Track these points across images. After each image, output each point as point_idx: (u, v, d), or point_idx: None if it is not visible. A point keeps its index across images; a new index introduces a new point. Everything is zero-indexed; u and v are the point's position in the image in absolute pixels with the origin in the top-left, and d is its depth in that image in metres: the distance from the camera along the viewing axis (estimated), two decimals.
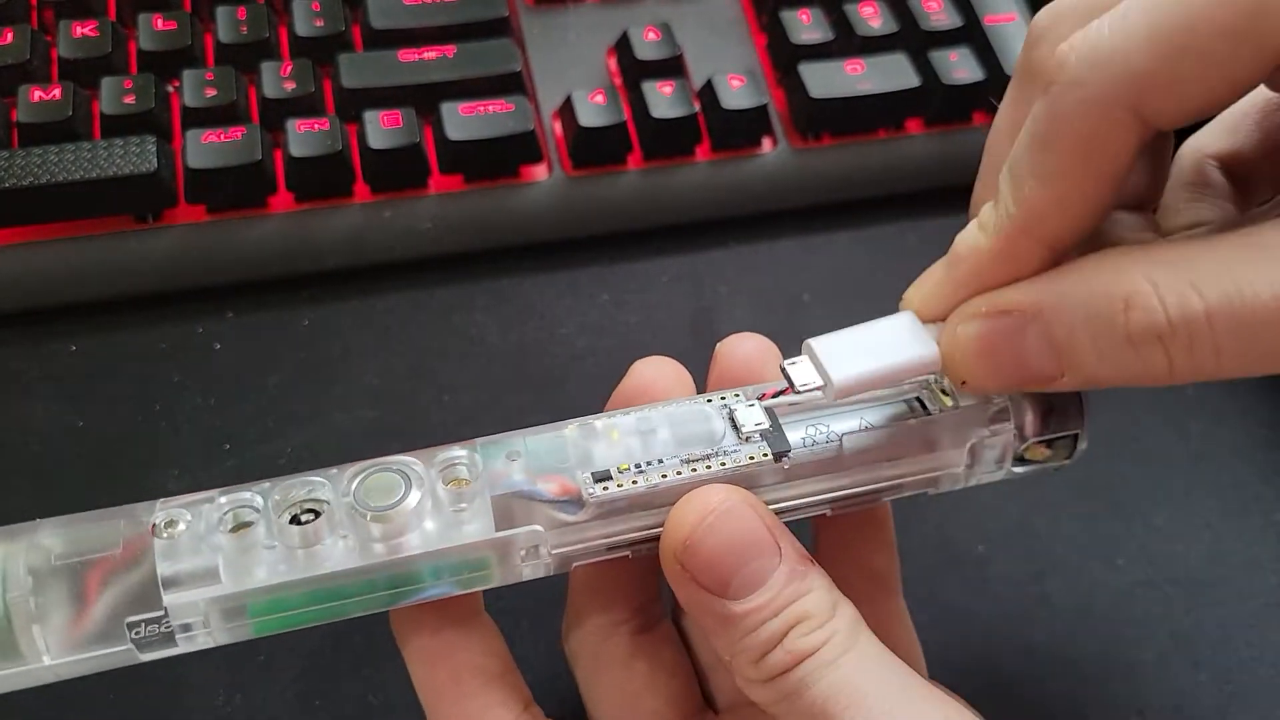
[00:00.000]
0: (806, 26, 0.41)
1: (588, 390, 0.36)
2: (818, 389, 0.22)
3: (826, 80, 0.39)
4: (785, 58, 0.41)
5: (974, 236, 0.22)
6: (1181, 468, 0.36)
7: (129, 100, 0.36)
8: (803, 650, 0.20)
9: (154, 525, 0.21)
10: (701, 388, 0.26)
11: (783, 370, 0.22)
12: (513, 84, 0.39)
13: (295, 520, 0.21)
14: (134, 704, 0.30)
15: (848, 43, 0.41)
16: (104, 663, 0.21)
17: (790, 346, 0.27)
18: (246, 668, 0.30)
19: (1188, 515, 0.35)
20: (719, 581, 0.21)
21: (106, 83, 0.36)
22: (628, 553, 0.23)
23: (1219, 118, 0.25)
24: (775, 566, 0.21)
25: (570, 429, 0.23)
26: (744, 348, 0.26)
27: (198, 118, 0.36)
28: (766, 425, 0.23)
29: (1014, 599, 0.33)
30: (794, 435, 0.23)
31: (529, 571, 0.22)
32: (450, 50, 0.39)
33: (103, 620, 0.20)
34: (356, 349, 0.36)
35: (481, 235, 0.38)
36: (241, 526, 0.21)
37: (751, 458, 0.22)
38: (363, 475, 0.21)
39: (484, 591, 0.23)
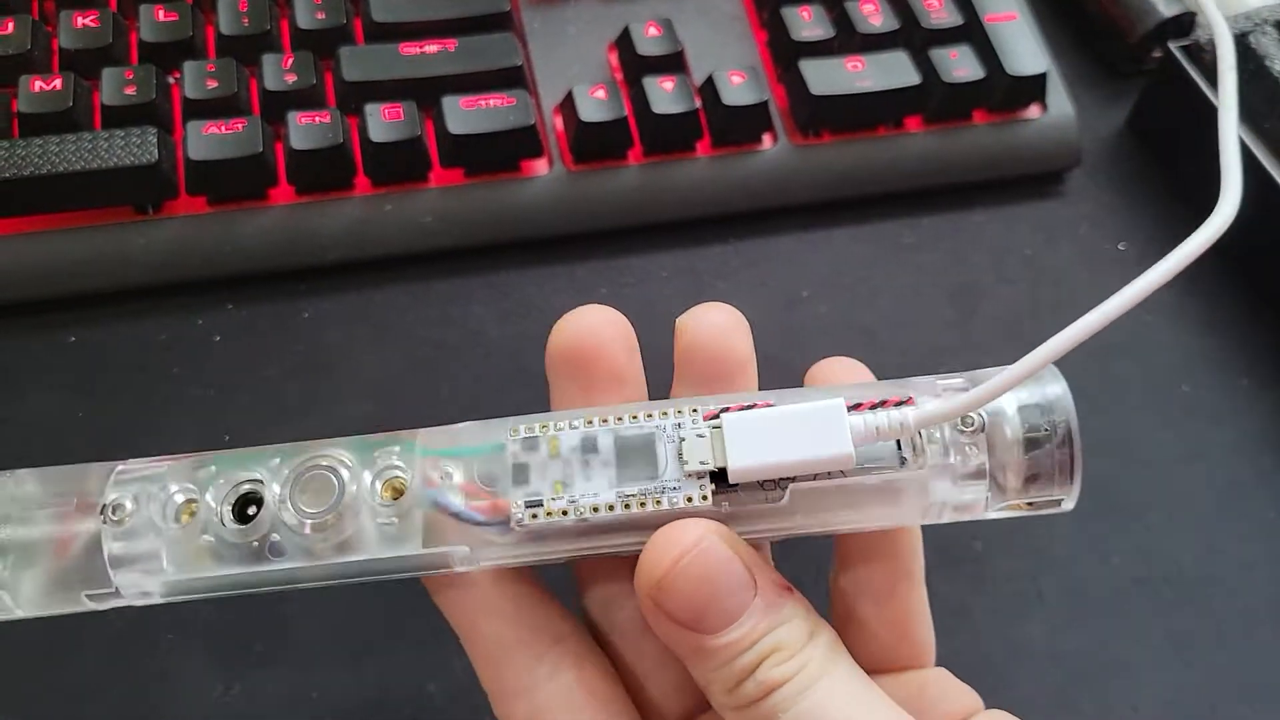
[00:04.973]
0: (807, 23, 0.41)
1: None
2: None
3: (827, 77, 0.40)
4: (786, 54, 0.41)
5: None
6: (1176, 467, 0.36)
7: (130, 91, 0.36)
8: (774, 681, 0.21)
9: (103, 507, 0.22)
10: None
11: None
12: (514, 78, 0.39)
13: (241, 513, 0.22)
14: (130, 696, 0.30)
15: (848, 40, 0.41)
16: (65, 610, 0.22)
17: (786, 343, 0.27)
18: (243, 659, 0.30)
19: (1182, 514, 0.35)
20: (694, 618, 0.21)
21: (107, 73, 0.36)
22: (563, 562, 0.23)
23: None
24: (751, 600, 0.21)
25: (512, 441, 0.22)
26: (709, 320, 0.24)
27: (199, 109, 0.36)
28: (712, 466, 0.21)
29: (1010, 595, 0.33)
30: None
31: (468, 567, 0.23)
32: (451, 44, 0.39)
33: (59, 582, 0.22)
34: (356, 341, 0.36)
35: (481, 229, 0.38)
36: (187, 507, 0.22)
37: (690, 499, 0.21)
38: (299, 474, 0.22)
39: None
